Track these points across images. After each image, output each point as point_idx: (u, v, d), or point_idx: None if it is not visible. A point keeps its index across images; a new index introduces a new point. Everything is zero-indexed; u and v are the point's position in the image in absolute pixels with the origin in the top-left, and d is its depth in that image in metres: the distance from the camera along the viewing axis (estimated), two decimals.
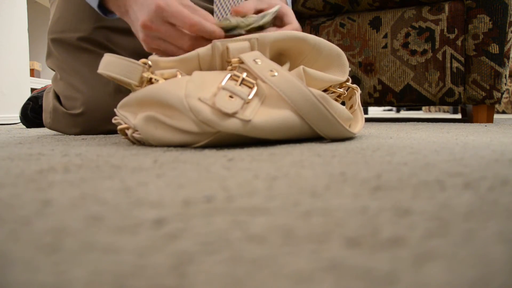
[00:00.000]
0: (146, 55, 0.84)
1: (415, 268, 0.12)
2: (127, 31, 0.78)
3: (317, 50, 0.55)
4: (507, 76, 1.47)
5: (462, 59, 1.14)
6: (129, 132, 0.50)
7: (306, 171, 0.29)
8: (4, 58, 1.65)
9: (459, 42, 1.15)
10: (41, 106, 1.10)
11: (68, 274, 0.12)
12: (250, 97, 0.43)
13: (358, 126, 0.57)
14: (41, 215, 0.18)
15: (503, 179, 0.26)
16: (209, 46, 0.49)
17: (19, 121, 1.65)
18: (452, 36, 1.15)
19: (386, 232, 0.16)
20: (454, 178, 0.26)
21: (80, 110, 0.74)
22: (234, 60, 0.47)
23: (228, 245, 0.14)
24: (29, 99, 1.13)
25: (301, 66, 0.51)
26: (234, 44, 0.48)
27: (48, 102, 0.81)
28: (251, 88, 0.45)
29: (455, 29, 1.15)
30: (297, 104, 0.45)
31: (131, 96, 0.48)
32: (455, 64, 1.15)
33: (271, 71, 0.45)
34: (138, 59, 0.81)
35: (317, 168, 0.31)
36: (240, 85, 0.44)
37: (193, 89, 0.42)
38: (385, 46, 1.22)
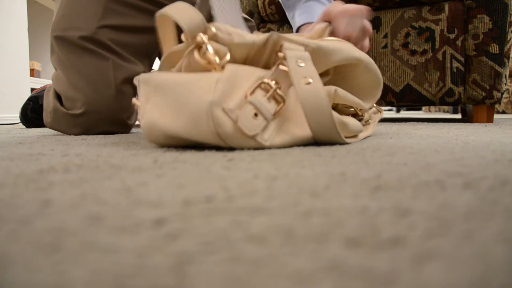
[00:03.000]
0: (151, 55, 0.84)
1: (415, 268, 0.12)
2: (132, 29, 0.78)
3: (364, 68, 0.55)
4: (507, 76, 1.47)
5: (462, 59, 1.14)
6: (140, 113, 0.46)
7: (306, 171, 0.29)
8: (4, 58, 1.65)
9: (459, 42, 1.15)
10: (41, 106, 1.09)
11: (68, 274, 0.12)
12: (274, 115, 0.42)
13: (361, 136, 0.57)
14: (41, 215, 0.18)
15: (503, 179, 0.26)
16: (264, 36, 0.45)
17: (19, 121, 1.66)
18: (452, 36, 1.15)
19: (386, 232, 0.16)
20: (454, 178, 0.26)
21: (80, 111, 0.74)
22: (280, 54, 0.44)
23: (228, 245, 0.14)
24: (29, 99, 1.13)
25: (333, 88, 0.49)
26: (289, 45, 0.45)
27: (48, 102, 0.81)
28: (279, 102, 0.42)
29: (455, 29, 1.15)
30: (313, 123, 0.43)
31: (156, 75, 0.43)
32: (455, 64, 1.15)
33: (305, 77, 0.42)
34: (143, 59, 0.81)
35: (317, 168, 0.31)
36: (268, 98, 0.42)
37: (221, 93, 0.39)
38: (385, 46, 1.22)
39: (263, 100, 0.41)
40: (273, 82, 0.43)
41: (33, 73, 2.28)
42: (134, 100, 0.47)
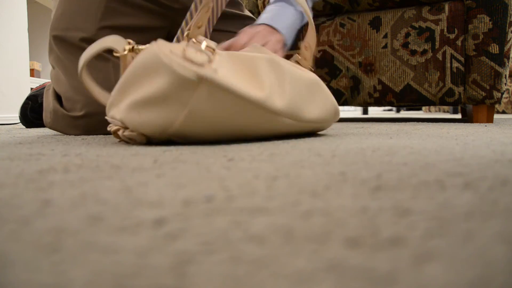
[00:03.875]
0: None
1: (415, 268, 0.12)
2: (133, 29, 0.77)
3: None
4: (507, 76, 1.47)
5: (462, 59, 1.14)
6: (120, 132, 0.50)
7: (306, 171, 0.29)
8: (4, 58, 1.65)
9: (459, 42, 1.15)
10: (40, 104, 1.09)
11: (68, 274, 0.12)
12: (213, 56, 0.48)
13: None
14: (41, 215, 0.18)
15: (503, 179, 0.26)
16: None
17: (19, 121, 1.66)
18: (452, 36, 1.15)
19: (386, 232, 0.16)
20: (454, 178, 0.26)
21: (81, 113, 0.73)
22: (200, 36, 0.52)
23: (228, 245, 0.14)
24: (27, 98, 1.11)
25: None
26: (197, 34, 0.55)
27: (48, 102, 0.80)
28: (212, 52, 0.49)
29: (455, 29, 1.15)
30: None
31: (112, 92, 0.51)
32: (455, 64, 1.15)
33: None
34: None
35: (317, 168, 0.31)
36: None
37: (161, 45, 0.46)
38: (385, 46, 1.22)
39: (199, 46, 0.49)
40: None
41: (33, 73, 2.28)
42: (112, 130, 0.52)
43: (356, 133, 0.68)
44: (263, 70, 0.51)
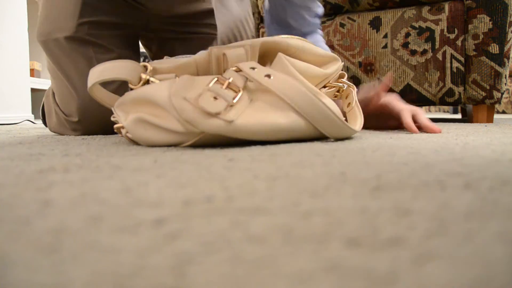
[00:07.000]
0: (133, 46, 0.83)
1: (415, 268, 0.12)
2: (109, 25, 0.77)
3: (301, 50, 0.57)
4: (507, 76, 1.47)
5: (462, 59, 1.14)
6: (123, 131, 0.50)
7: (306, 171, 0.29)
8: (4, 58, 1.65)
9: (459, 42, 1.14)
10: None
11: (68, 274, 0.12)
12: (235, 100, 0.44)
13: (358, 123, 0.58)
14: (41, 215, 0.18)
15: (503, 179, 0.26)
16: (206, 52, 0.50)
17: (22, 120, 1.65)
18: (452, 36, 1.15)
19: (386, 232, 0.16)
20: (454, 178, 0.26)
21: (76, 119, 0.73)
22: (232, 69, 0.48)
23: (228, 245, 0.14)
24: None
25: (280, 54, 0.52)
26: (231, 51, 0.49)
27: (49, 106, 0.81)
28: (236, 92, 0.45)
29: (455, 29, 1.15)
30: (296, 102, 0.46)
31: (127, 95, 0.49)
32: (455, 64, 1.15)
33: (267, 75, 0.47)
34: (127, 51, 0.80)
35: (317, 168, 0.31)
36: (226, 88, 0.45)
37: (178, 89, 0.43)
38: (385, 46, 1.22)
39: (220, 88, 0.45)
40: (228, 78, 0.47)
41: (33, 73, 2.28)
42: (115, 126, 0.52)
43: (356, 133, 0.68)
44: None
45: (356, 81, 1.26)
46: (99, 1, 0.77)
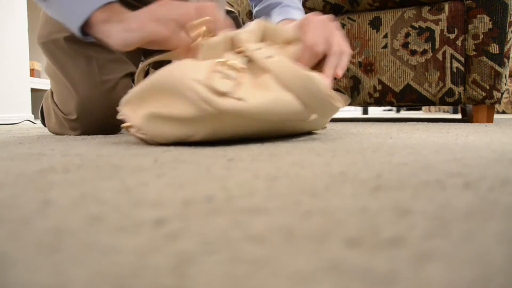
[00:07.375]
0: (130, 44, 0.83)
1: (415, 268, 0.12)
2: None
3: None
4: (507, 76, 1.47)
5: (462, 59, 1.14)
6: (132, 130, 0.50)
7: (306, 171, 0.29)
8: (4, 58, 1.65)
9: (459, 42, 1.14)
10: None
11: (68, 274, 0.12)
12: (241, 80, 0.47)
13: (339, 101, 0.60)
14: (41, 215, 0.18)
15: (503, 179, 0.26)
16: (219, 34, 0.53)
17: (22, 120, 1.65)
18: (452, 36, 1.15)
19: (386, 232, 0.16)
20: (454, 178, 0.26)
21: (75, 116, 0.73)
22: (240, 49, 0.51)
23: (228, 245, 0.14)
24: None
25: (262, 21, 0.57)
26: (244, 34, 0.53)
27: (48, 107, 0.81)
28: (240, 72, 0.48)
29: (455, 29, 1.15)
30: (289, 83, 0.49)
31: (132, 91, 0.49)
32: (455, 64, 1.15)
33: (270, 56, 0.50)
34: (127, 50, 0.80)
35: (317, 168, 0.31)
36: (229, 70, 0.47)
37: (187, 72, 0.45)
38: (385, 46, 1.22)
39: (225, 68, 0.47)
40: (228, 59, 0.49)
41: (33, 73, 2.28)
42: (123, 125, 0.51)
43: (356, 133, 0.68)
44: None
45: (356, 81, 1.26)
46: None
